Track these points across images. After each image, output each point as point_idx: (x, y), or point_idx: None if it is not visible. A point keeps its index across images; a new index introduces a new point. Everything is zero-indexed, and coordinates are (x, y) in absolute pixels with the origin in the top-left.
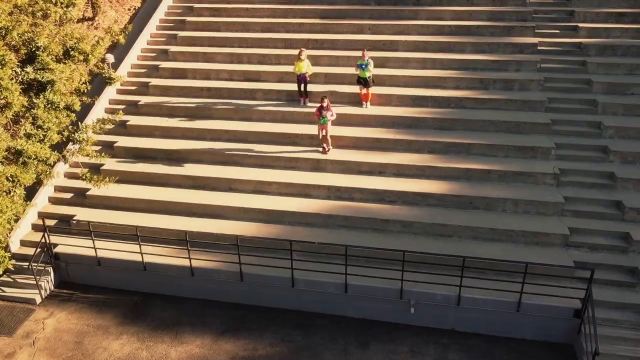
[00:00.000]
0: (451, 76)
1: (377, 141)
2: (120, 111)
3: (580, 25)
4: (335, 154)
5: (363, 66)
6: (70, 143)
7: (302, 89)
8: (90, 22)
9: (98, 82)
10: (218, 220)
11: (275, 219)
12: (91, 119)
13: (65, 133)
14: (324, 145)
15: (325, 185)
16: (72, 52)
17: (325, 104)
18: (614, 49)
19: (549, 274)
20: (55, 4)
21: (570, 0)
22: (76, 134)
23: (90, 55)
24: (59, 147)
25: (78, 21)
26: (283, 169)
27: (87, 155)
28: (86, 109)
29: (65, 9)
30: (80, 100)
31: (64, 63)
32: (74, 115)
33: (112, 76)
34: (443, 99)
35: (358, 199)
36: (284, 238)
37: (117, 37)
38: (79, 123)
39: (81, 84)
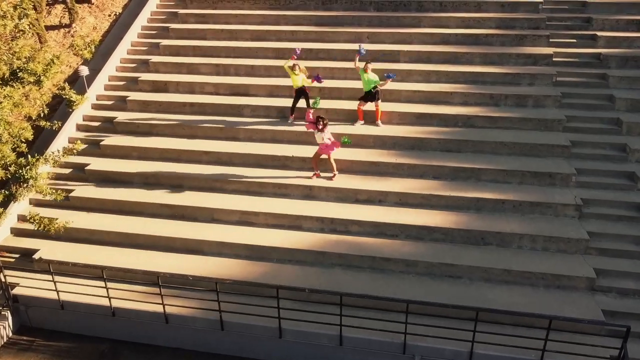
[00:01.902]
0: (458, 91)
1: (376, 165)
2: (78, 141)
3: (599, 34)
4: (329, 180)
5: (365, 79)
6: (18, 180)
7: (302, 103)
8: (67, 30)
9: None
10: (197, 257)
11: (261, 255)
12: (58, 144)
13: (12, 169)
14: (317, 171)
15: (319, 216)
16: (20, 74)
17: (321, 126)
18: (636, 60)
19: (576, 330)
20: (4, 17)
21: (587, 6)
22: (24, 170)
23: (42, 77)
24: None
25: (54, 28)
26: (272, 196)
27: (41, 192)
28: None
29: (17, 22)
30: (38, 125)
31: (11, 86)
32: (24, 145)
33: (72, 99)
34: (449, 117)
35: (355, 232)
36: (270, 278)
37: (80, 52)
38: (29, 156)
39: (33, 108)
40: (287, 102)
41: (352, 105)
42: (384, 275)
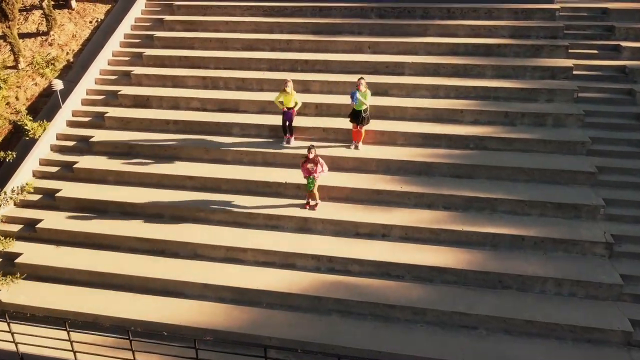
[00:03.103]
0: (469, 108)
1: (379, 193)
2: (28, 183)
3: (623, 44)
4: (326, 210)
5: (355, 97)
6: None
7: (287, 125)
8: (44, 38)
9: (50, 110)
10: (177, 300)
11: (249, 299)
12: (26, 168)
13: None
14: (310, 200)
15: (314, 254)
16: None
17: (312, 156)
18: None
19: None
20: None
21: (608, 13)
22: None
23: None
24: None
25: (31, 36)
26: (262, 228)
27: None
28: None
29: None
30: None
31: None
32: None
33: (26, 127)
34: (459, 137)
35: (355, 273)
36: (259, 327)
37: (42, 70)
38: None
39: None
40: (280, 120)
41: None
42: (388, 325)
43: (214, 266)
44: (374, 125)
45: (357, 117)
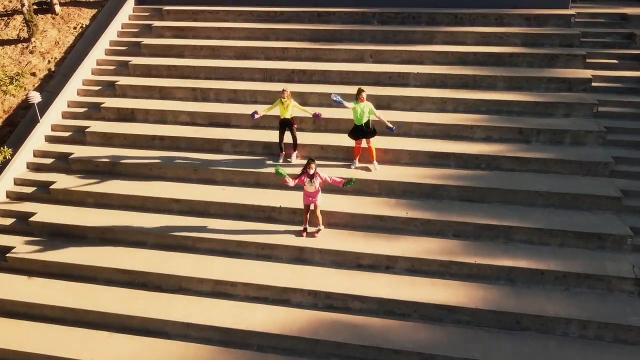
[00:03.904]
0: (480, 123)
1: (382, 219)
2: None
3: None
4: (325, 238)
5: (359, 110)
6: None
7: (291, 138)
8: (24, 45)
9: (28, 123)
10: (158, 341)
11: (238, 340)
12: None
13: None
14: (307, 225)
15: (311, 289)
16: None
17: (312, 172)
18: None
19: None
20: None
21: (628, 19)
22: None
23: None
24: None
25: (11, 43)
26: (254, 258)
27: None
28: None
29: None
30: None
31: None
32: None
33: None
34: (470, 157)
35: (357, 311)
36: None
37: (4, 88)
38: None
39: None
40: (275, 136)
41: (352, 140)
42: None
43: (200, 302)
44: (377, 142)
45: (358, 132)
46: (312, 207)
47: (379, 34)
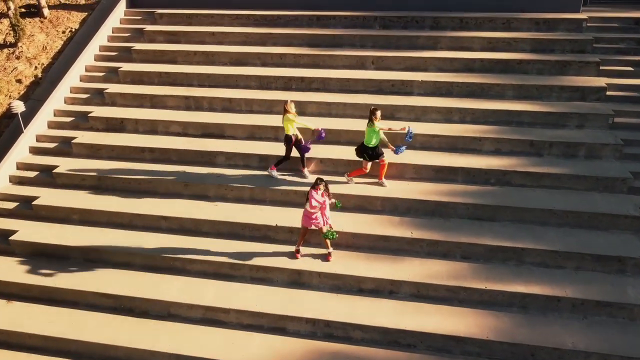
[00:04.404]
0: (488, 135)
1: (386, 240)
2: None
3: None
4: (324, 261)
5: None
6: None
7: (299, 154)
8: (10, 50)
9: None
10: None
11: None
12: None
13: None
14: (300, 247)
15: (309, 317)
16: None
17: (320, 192)
18: None
19: None
20: None
21: None
22: None
23: None
24: None
25: None
26: (248, 281)
27: None
28: None
29: None
30: None
31: None
32: None
33: None
34: (478, 171)
35: (358, 341)
36: None
37: None
38: None
39: None
40: (271, 147)
41: (351, 151)
42: None
43: (189, 330)
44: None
45: (364, 152)
46: (313, 227)
47: (380, 39)
